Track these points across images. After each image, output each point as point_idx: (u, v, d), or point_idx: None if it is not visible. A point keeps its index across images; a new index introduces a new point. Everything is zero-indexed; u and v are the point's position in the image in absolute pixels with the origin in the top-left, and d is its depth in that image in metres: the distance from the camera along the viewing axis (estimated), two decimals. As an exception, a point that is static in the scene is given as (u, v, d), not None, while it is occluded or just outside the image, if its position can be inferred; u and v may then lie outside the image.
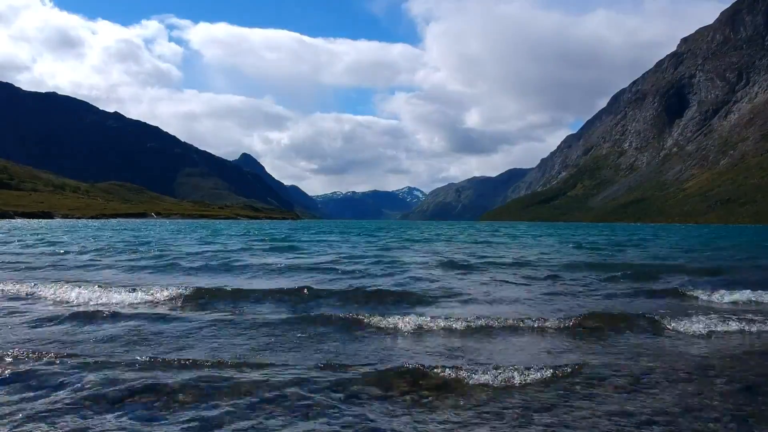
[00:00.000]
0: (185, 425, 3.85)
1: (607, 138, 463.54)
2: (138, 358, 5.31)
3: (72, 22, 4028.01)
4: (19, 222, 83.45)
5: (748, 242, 37.29)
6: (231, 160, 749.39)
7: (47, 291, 9.41)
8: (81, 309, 8.01)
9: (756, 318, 7.70)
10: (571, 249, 25.61)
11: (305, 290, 9.69)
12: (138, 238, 31.39)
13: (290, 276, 12.91)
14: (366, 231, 54.91)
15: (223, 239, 31.71)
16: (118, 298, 8.92)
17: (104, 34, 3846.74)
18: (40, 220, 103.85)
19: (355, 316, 7.38)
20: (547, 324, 7.19)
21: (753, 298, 9.81)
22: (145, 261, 16.12)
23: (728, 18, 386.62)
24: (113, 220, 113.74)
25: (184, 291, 9.31)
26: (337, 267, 14.60)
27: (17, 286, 9.88)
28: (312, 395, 4.41)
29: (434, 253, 20.91)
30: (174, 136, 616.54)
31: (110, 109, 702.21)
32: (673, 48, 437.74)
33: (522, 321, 7.25)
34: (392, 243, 29.35)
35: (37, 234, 35.27)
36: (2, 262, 15.12)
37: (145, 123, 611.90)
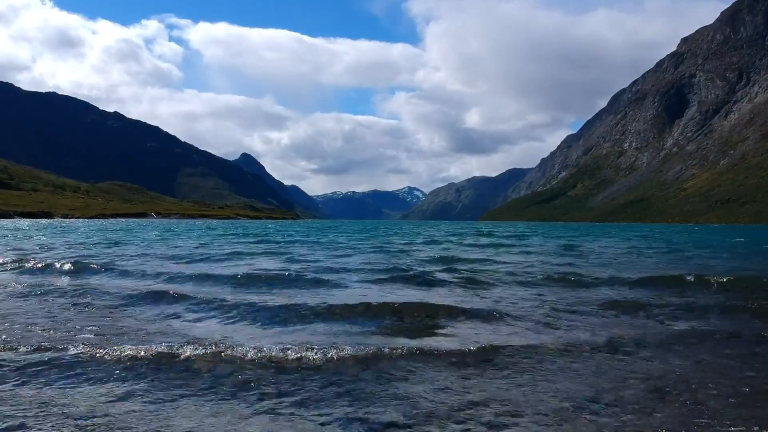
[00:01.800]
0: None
1: (607, 138, 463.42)
2: None
3: (72, 21, 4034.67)
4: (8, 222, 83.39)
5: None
6: (231, 160, 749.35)
7: None
8: None
9: None
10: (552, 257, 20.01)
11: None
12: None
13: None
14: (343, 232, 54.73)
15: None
16: None
17: (104, 34, 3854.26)
18: (39, 219, 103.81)
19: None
20: None
21: None
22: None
23: (728, 18, 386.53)
24: (112, 220, 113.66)
25: None
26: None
27: None
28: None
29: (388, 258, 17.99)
30: (174, 136, 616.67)
31: (110, 109, 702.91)
32: (674, 48, 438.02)
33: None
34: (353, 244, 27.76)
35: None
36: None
37: (145, 123, 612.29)
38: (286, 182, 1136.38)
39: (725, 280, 10.94)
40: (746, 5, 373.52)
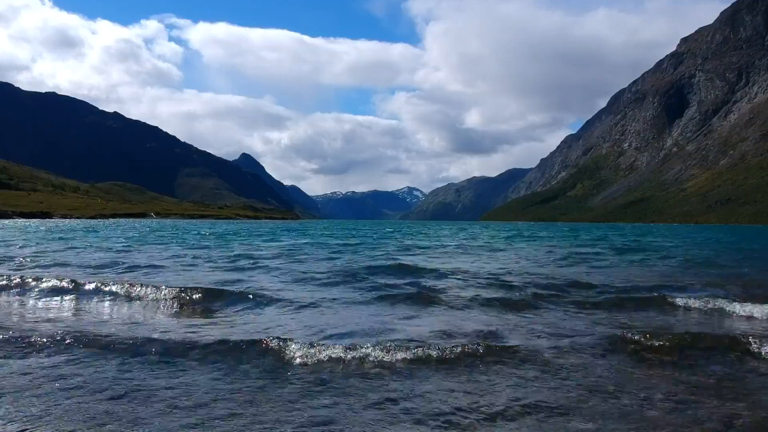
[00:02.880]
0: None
1: (607, 138, 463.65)
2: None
3: (71, 21, 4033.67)
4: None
5: None
6: (231, 160, 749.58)
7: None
8: None
9: None
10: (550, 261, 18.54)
11: None
12: None
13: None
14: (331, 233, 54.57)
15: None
16: None
17: (104, 34, 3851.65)
18: (38, 220, 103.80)
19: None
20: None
21: None
22: None
23: (728, 18, 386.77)
24: (110, 220, 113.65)
25: None
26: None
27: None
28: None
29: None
30: (174, 136, 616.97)
31: (110, 109, 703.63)
32: (673, 48, 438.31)
33: None
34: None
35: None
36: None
37: (144, 123, 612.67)
38: (286, 182, 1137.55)
39: None
40: (746, 5, 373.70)
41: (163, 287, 9.71)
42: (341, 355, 5.54)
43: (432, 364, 5.46)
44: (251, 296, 9.30)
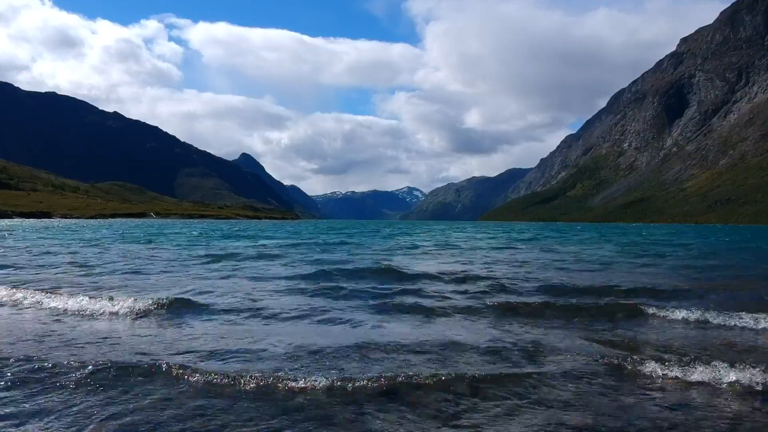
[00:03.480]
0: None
1: (607, 138, 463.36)
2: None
3: (71, 21, 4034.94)
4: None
5: None
6: (231, 160, 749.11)
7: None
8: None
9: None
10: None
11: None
12: None
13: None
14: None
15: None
16: None
17: (104, 34, 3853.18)
18: (38, 219, 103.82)
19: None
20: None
21: None
22: None
23: (728, 18, 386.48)
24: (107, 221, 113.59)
25: None
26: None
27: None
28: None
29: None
30: (174, 136, 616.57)
31: (110, 109, 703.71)
32: (673, 48, 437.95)
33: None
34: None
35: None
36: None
37: (144, 123, 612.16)
38: (286, 182, 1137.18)
39: None
40: (746, 5, 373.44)
41: (106, 299, 8.83)
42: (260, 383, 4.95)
43: (359, 392, 4.78)
44: (213, 307, 8.63)
